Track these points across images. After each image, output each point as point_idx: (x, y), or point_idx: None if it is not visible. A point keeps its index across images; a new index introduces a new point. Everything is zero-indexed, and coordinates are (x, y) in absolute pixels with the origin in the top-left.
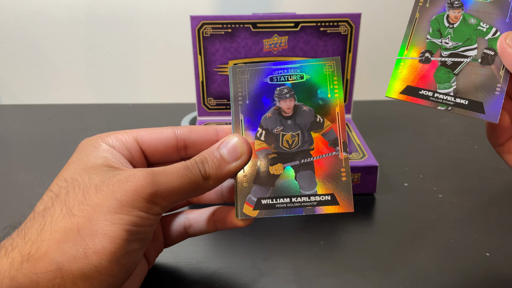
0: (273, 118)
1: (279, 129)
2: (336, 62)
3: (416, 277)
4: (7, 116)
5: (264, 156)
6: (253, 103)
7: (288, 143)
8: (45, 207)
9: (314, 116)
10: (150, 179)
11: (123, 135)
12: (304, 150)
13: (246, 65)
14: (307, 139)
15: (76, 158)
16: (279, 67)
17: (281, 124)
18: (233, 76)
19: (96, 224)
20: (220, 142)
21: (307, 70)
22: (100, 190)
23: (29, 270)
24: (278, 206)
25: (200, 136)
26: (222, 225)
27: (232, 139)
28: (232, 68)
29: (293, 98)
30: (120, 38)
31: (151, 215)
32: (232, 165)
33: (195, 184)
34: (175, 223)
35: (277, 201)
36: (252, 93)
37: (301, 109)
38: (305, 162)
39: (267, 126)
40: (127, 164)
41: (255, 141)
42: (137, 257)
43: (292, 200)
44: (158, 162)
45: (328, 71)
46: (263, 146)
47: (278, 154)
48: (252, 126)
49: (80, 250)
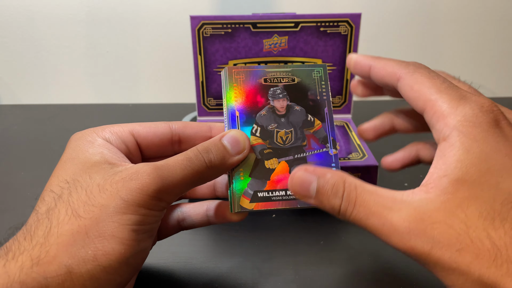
0: (268, 116)
1: (274, 126)
2: (323, 69)
3: (416, 277)
4: (7, 116)
5: (259, 151)
6: (248, 101)
7: (282, 139)
8: (48, 208)
9: (305, 115)
10: (154, 175)
11: (118, 128)
12: (297, 146)
13: (241, 66)
14: (300, 135)
15: (71, 155)
16: (272, 70)
17: (275, 122)
18: (229, 76)
19: (104, 226)
20: (222, 134)
21: (298, 74)
22: (103, 189)
23: (39, 274)
24: (274, 199)
25: (194, 132)
26: (216, 219)
27: (234, 133)
28: (228, 68)
29: (285, 98)
30: (120, 38)
31: (156, 211)
32: (234, 158)
33: (198, 174)
34: (169, 216)
35: (273, 194)
36: (247, 92)
37: (293, 109)
38: (298, 157)
39: (262, 123)
40: (124, 159)
41: (251, 136)
42: (145, 255)
43: (287, 193)
44: (153, 157)
45: (316, 76)
46: (259, 142)
47: (273, 149)
48: (248, 122)
49: (90, 253)
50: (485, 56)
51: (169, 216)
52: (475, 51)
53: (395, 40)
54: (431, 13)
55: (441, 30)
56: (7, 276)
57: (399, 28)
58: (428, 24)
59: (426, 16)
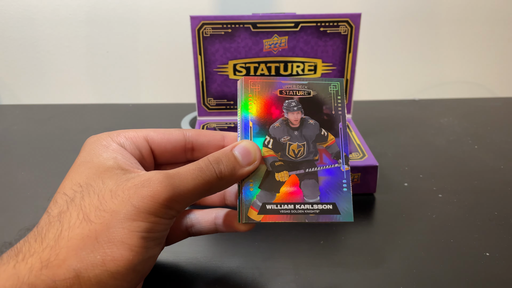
0: (281, 128)
1: (286, 138)
2: (340, 83)
3: (416, 277)
4: (7, 116)
5: (270, 163)
6: (262, 112)
7: (294, 152)
8: (60, 211)
9: (319, 129)
10: (166, 183)
11: (133, 134)
12: (309, 160)
13: (257, 77)
14: (312, 150)
15: (85, 159)
16: (288, 82)
17: (288, 134)
18: (245, 86)
19: (114, 232)
20: (233, 145)
21: (314, 87)
22: (115, 195)
23: (48, 277)
24: (282, 212)
25: (207, 140)
26: (223, 228)
27: (246, 144)
28: (244, 79)
29: (300, 111)
30: (120, 38)
31: (166, 219)
32: (245, 169)
33: (208, 185)
34: (178, 222)
35: (281, 207)
36: (262, 103)
37: (307, 122)
38: (309, 172)
39: (275, 135)
40: (137, 165)
41: (263, 148)
42: (152, 262)
43: (296, 207)
44: (165, 163)
45: (333, 90)
46: (270, 154)
47: (284, 162)
48: (260, 134)
49: (98, 258)
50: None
51: (178, 222)
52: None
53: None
54: (431, 13)
55: (441, 30)
56: (17, 278)
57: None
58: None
59: (426, 16)
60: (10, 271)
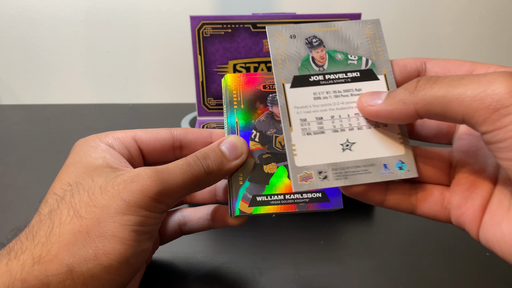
0: (267, 122)
1: (272, 131)
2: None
3: (416, 277)
4: (7, 116)
5: (258, 155)
6: (248, 107)
7: (281, 144)
8: (51, 209)
9: None
10: (155, 178)
11: (121, 134)
12: None
13: (240, 74)
14: None
15: (74, 160)
16: (270, 77)
17: (274, 127)
18: (229, 83)
19: (105, 226)
20: (220, 140)
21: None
22: (105, 191)
23: (41, 272)
24: (272, 203)
25: (195, 137)
26: (216, 224)
27: (232, 139)
28: (227, 76)
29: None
30: (120, 38)
31: (157, 213)
32: (232, 163)
33: (197, 179)
34: (170, 220)
35: (271, 198)
36: (247, 99)
37: None
38: None
39: (261, 128)
40: (126, 164)
41: (250, 142)
42: (145, 256)
43: (286, 197)
44: (154, 162)
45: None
46: (258, 147)
47: (271, 154)
48: (247, 128)
49: (90, 252)
50: (485, 56)
51: (170, 220)
52: (475, 51)
53: (395, 40)
54: (430, 13)
55: (440, 30)
56: (9, 274)
57: (398, 28)
58: (427, 24)
59: (425, 16)
60: (2, 268)
